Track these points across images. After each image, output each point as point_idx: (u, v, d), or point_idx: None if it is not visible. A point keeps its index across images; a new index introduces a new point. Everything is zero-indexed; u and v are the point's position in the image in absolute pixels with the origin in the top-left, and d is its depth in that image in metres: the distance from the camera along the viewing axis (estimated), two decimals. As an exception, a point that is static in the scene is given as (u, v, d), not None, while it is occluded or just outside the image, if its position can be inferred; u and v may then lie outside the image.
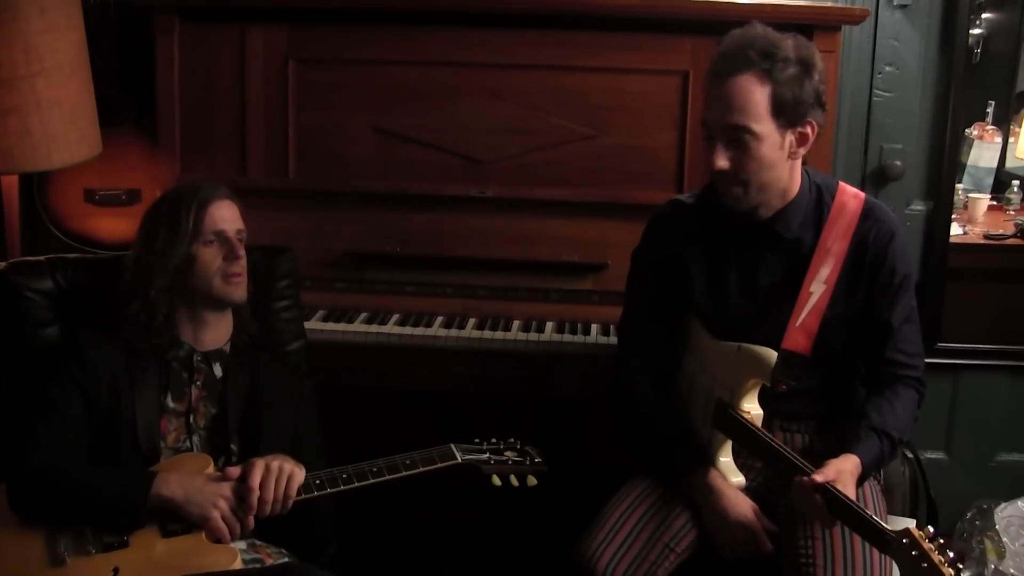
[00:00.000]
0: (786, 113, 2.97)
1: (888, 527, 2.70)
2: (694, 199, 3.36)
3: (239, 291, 3.17)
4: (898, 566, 2.72)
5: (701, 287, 3.27)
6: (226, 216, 3.17)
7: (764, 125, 2.97)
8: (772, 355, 3.03)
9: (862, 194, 3.20)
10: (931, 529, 2.61)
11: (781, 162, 3.05)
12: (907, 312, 3.18)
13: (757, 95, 2.96)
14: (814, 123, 3.02)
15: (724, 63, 3.01)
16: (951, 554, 2.57)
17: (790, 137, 3.02)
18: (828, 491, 2.82)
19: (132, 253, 3.21)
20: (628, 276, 3.48)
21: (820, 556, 3.01)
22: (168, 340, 3.16)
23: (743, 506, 3.10)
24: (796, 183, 3.14)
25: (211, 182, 3.28)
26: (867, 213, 3.15)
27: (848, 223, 3.13)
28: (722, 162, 3.03)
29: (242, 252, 3.17)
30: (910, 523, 2.98)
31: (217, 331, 3.23)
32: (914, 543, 2.58)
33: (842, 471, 2.89)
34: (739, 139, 3.00)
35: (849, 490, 2.86)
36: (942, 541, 2.59)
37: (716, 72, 3.03)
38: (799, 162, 3.13)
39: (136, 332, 3.14)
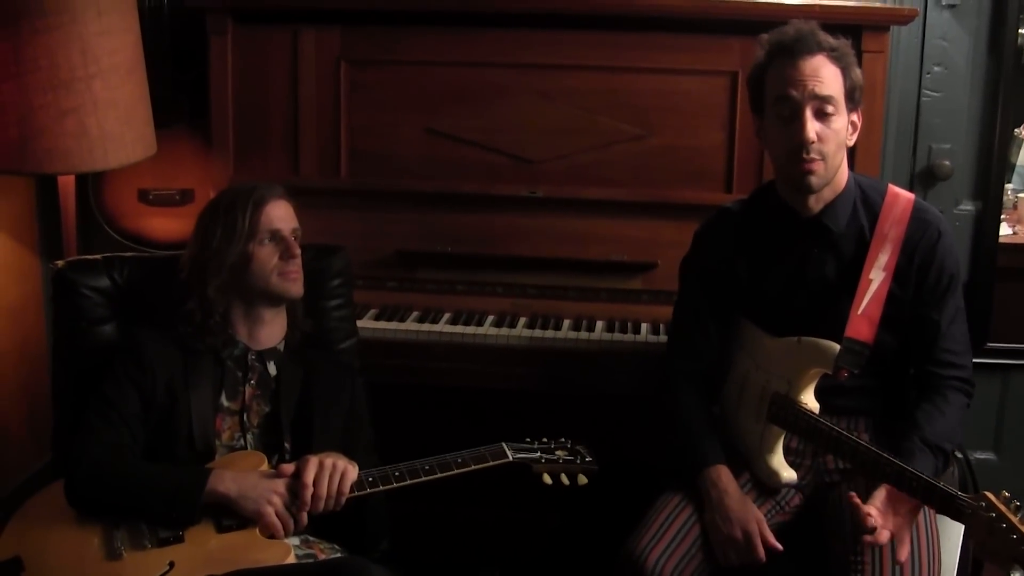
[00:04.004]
0: (853, 97, 3.08)
1: (962, 495, 2.73)
2: (739, 205, 3.38)
3: (297, 286, 3.21)
4: (971, 532, 2.74)
5: (752, 290, 3.29)
6: (282, 215, 3.21)
7: (841, 103, 3.05)
8: (834, 345, 3.05)
9: (912, 194, 3.21)
10: (1007, 494, 2.64)
11: (844, 145, 3.11)
12: (954, 312, 3.19)
13: (835, 74, 3.05)
14: (860, 112, 3.13)
15: (796, 44, 3.07)
16: None
17: (849, 122, 3.10)
18: (896, 465, 2.85)
19: (188, 252, 3.25)
20: (679, 285, 3.50)
21: (868, 551, 3.00)
22: (223, 339, 3.20)
23: (747, 510, 3.11)
24: (843, 176, 3.17)
25: (267, 182, 3.32)
26: (917, 210, 3.16)
27: (902, 211, 3.15)
28: (812, 131, 3.04)
29: (298, 251, 3.20)
30: (960, 526, 3.00)
31: (272, 329, 3.26)
32: (992, 506, 2.62)
33: (895, 513, 2.95)
34: (825, 111, 3.05)
35: (903, 528, 2.95)
36: (1018, 503, 2.61)
37: (789, 50, 3.08)
38: (845, 155, 3.16)
39: (192, 331, 3.18)
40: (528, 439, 3.25)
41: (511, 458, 3.15)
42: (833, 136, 3.05)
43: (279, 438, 3.17)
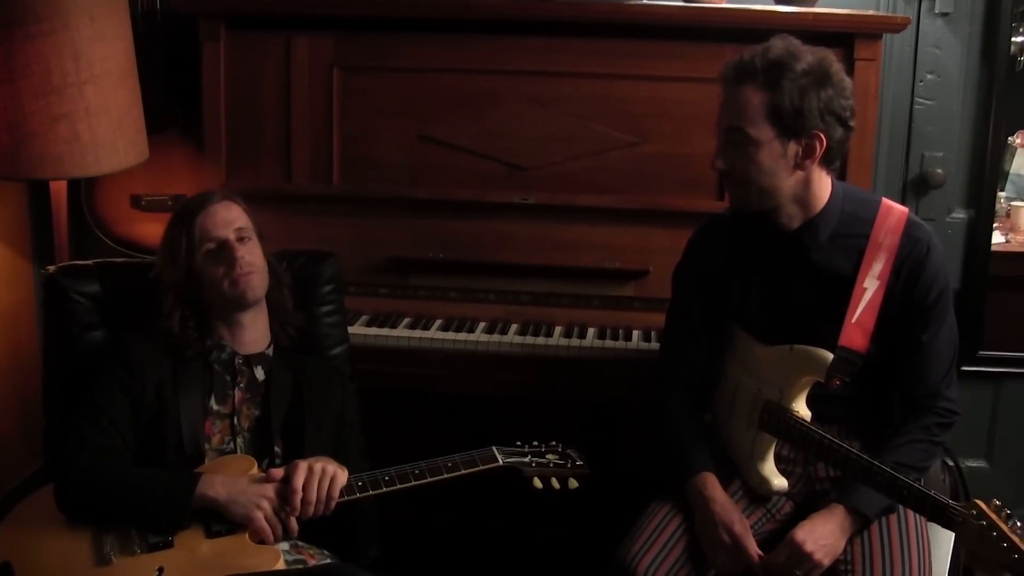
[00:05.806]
0: (784, 122, 2.99)
1: (954, 503, 2.73)
2: (732, 213, 3.37)
3: (252, 290, 3.17)
4: (962, 540, 2.76)
5: (742, 299, 3.29)
6: (219, 220, 3.19)
7: (760, 131, 3.00)
8: (827, 353, 3.05)
9: (905, 208, 3.20)
10: (998, 502, 2.65)
11: (783, 170, 3.05)
12: (943, 337, 3.16)
13: (754, 101, 3.00)
14: (823, 136, 3.01)
15: (731, 72, 3.07)
16: (1019, 523, 2.61)
17: (794, 147, 3.03)
18: (887, 473, 2.85)
19: (153, 271, 3.27)
20: (671, 292, 3.49)
21: (859, 562, 3.03)
22: (208, 344, 3.20)
23: (732, 514, 3.10)
24: (820, 195, 3.13)
25: (206, 191, 3.34)
26: (909, 225, 3.13)
27: (896, 221, 3.12)
28: (718, 161, 3.11)
29: (240, 252, 3.15)
30: (950, 534, 3.00)
31: (254, 332, 3.26)
32: (983, 514, 2.63)
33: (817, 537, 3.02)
34: (736, 141, 3.05)
35: (823, 554, 3.00)
36: (1009, 512, 2.63)
37: (723, 80, 3.11)
38: (821, 175, 3.11)
39: (173, 341, 3.19)
40: (519, 443, 3.24)
41: (501, 462, 3.14)
42: (751, 165, 3.05)
43: (269, 442, 3.17)
